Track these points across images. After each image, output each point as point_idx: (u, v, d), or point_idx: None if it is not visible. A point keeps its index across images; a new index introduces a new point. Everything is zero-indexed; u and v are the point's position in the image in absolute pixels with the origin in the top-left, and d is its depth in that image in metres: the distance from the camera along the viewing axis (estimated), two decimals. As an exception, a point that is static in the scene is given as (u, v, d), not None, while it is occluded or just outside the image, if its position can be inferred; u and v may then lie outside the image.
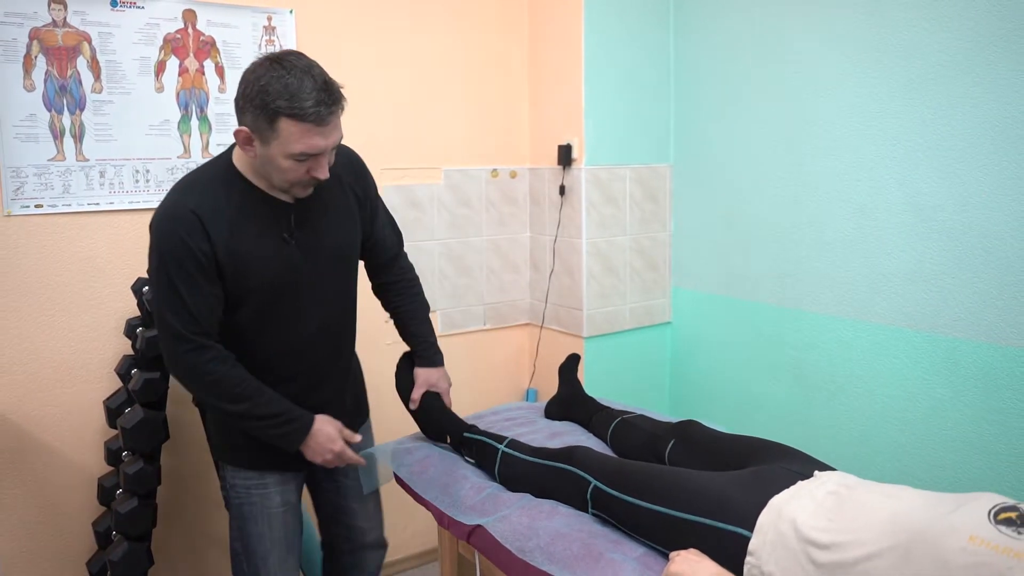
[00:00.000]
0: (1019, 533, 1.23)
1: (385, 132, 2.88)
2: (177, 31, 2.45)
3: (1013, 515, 1.28)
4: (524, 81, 3.21)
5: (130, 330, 2.34)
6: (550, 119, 3.13)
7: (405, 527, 3.07)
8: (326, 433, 1.89)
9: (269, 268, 1.79)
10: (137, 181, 2.43)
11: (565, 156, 3.02)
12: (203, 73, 2.51)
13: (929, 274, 2.43)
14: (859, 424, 2.65)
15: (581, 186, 3.00)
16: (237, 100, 1.67)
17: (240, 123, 1.67)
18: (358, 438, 1.99)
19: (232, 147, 1.81)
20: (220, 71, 2.54)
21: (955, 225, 2.35)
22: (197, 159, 2.51)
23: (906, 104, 2.44)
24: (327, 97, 1.63)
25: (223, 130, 2.55)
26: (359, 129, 2.79)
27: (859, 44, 2.55)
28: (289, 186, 1.75)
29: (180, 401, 2.49)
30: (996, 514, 1.29)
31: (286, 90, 1.59)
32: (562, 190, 3.07)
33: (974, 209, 2.30)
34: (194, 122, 2.51)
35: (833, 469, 1.66)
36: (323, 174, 1.73)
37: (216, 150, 2.54)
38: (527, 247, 3.31)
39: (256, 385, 1.81)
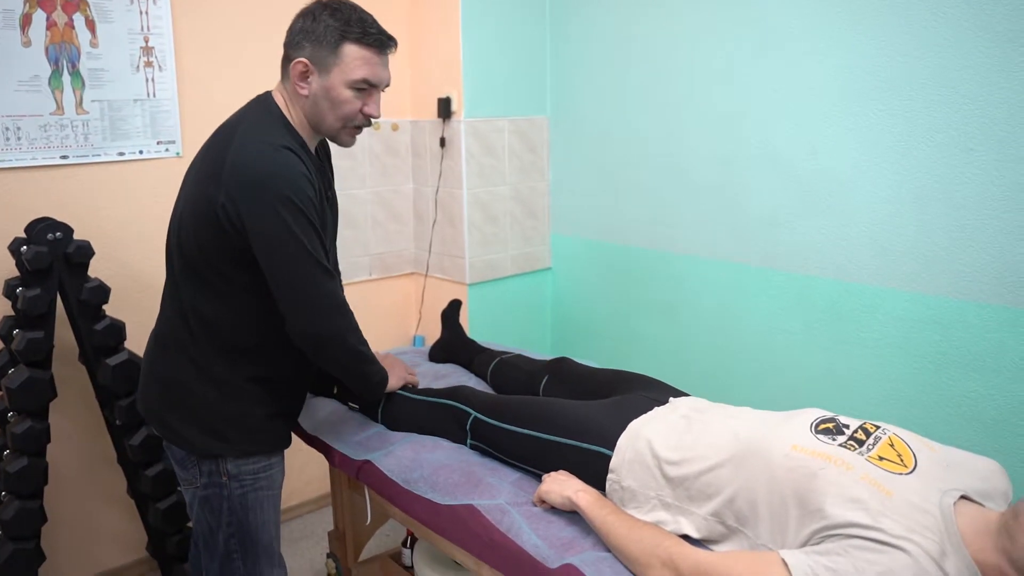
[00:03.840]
0: (833, 440, 1.44)
1: (263, 84, 2.87)
2: (42, -17, 2.40)
3: (831, 425, 1.49)
4: (404, 35, 3.25)
5: (9, 290, 2.32)
6: (429, 72, 3.19)
7: (300, 474, 3.15)
8: (397, 363, 2.10)
9: (325, 225, 1.75)
10: (8, 139, 2.38)
11: (445, 109, 3.10)
12: (73, 27, 2.46)
13: (784, 217, 2.63)
14: (723, 356, 2.88)
15: (461, 138, 3.09)
16: (292, 37, 1.70)
17: (294, 59, 1.69)
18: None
19: (267, 100, 1.77)
20: (91, 25, 2.49)
21: (805, 172, 2.55)
22: (71, 115, 2.47)
23: (760, 61, 2.61)
24: (387, 33, 1.72)
25: (97, 86, 2.52)
26: (241, 88, 2.79)
27: (718, 7, 2.70)
28: (341, 125, 1.74)
29: (66, 360, 2.49)
30: (817, 425, 1.49)
31: (352, 17, 1.67)
32: (443, 142, 3.15)
33: (822, 157, 2.50)
34: (66, 77, 2.46)
35: (688, 395, 1.85)
36: (376, 111, 1.75)
37: (91, 107, 2.51)
38: (410, 198, 3.38)
39: None
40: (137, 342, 2.43)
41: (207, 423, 1.77)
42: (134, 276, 2.62)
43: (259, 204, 1.59)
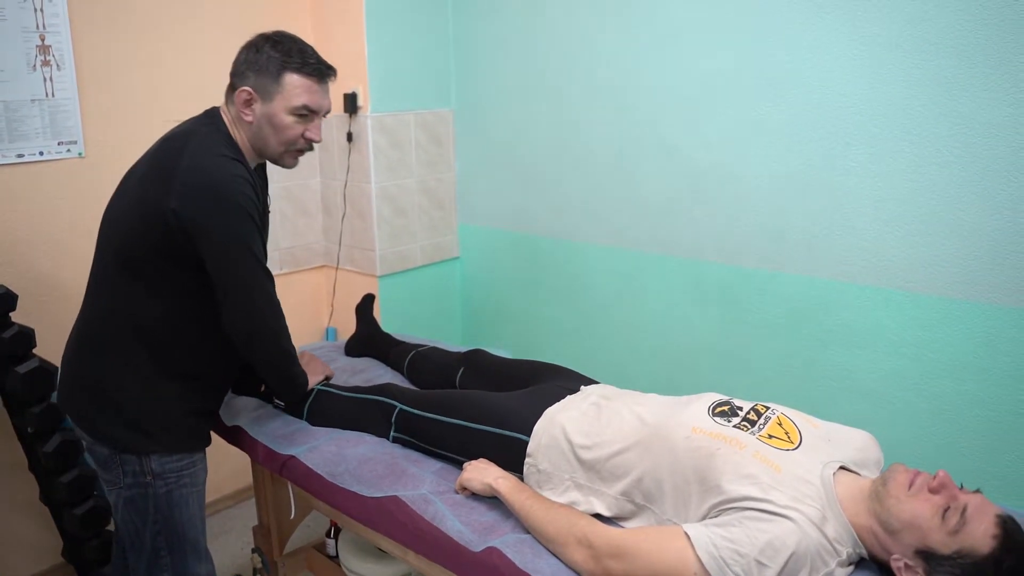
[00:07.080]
0: (728, 421, 1.58)
1: (166, 82, 2.86)
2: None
3: (726, 408, 1.64)
4: (308, 31, 3.25)
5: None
6: (334, 67, 3.20)
7: (217, 469, 3.15)
8: (314, 360, 2.20)
9: (264, 246, 1.87)
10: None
11: (351, 104, 3.13)
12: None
13: (679, 207, 2.78)
14: (625, 339, 3.02)
15: (368, 132, 3.13)
16: (237, 67, 1.84)
17: (239, 87, 1.81)
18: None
19: (216, 116, 1.86)
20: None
21: (698, 164, 2.70)
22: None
23: (656, 55, 2.74)
24: (325, 63, 1.87)
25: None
26: (144, 86, 2.77)
27: (618, 2, 2.81)
28: (284, 149, 1.86)
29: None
30: (714, 408, 1.63)
31: (293, 49, 1.81)
32: (349, 136, 3.19)
33: (714, 148, 2.65)
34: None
35: (597, 383, 1.97)
36: (317, 136, 1.87)
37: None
38: (318, 192, 3.41)
39: None
40: (47, 348, 2.42)
41: (133, 420, 1.83)
42: (42, 281, 2.59)
43: (213, 209, 1.70)
